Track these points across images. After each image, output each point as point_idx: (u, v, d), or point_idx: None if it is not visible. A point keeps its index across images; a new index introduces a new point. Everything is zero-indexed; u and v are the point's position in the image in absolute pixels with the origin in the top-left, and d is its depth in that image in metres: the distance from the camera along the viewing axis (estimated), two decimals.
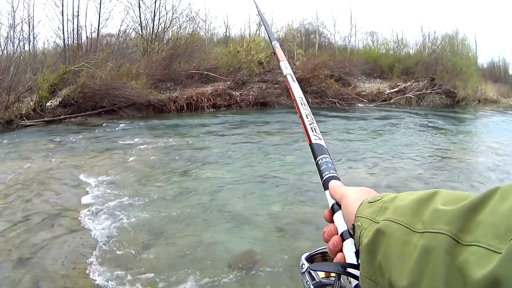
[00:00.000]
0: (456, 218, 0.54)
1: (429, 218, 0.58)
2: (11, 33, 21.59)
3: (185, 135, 13.62)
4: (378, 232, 0.66)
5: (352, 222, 0.77)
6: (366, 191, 0.83)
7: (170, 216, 6.08)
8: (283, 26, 37.95)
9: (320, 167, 1.01)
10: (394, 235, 0.63)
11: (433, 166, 9.33)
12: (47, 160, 9.83)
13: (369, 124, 16.56)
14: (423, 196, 0.64)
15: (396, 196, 0.71)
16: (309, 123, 1.15)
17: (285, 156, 10.08)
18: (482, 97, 31.86)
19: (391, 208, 0.68)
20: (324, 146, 1.07)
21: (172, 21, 28.99)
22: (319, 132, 1.12)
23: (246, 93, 23.83)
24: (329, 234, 0.85)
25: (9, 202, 6.77)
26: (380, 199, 0.73)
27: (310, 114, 1.20)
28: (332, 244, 0.83)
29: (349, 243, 0.79)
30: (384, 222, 0.66)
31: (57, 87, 18.96)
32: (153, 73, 22.44)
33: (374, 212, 0.71)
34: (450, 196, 0.61)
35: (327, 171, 0.98)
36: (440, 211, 0.57)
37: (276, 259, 4.72)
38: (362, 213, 0.74)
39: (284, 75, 1.47)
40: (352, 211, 0.78)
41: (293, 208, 6.45)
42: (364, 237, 0.69)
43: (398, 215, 0.64)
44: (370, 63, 31.96)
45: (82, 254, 4.91)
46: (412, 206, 0.63)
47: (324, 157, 1.02)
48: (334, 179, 0.95)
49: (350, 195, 0.83)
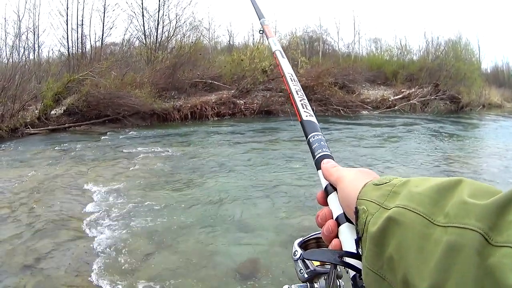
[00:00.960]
0: (488, 214, 0.47)
1: (455, 211, 0.51)
2: (17, 42, 21.67)
3: (189, 144, 13.60)
4: (389, 220, 0.58)
5: (351, 205, 0.70)
6: (365, 172, 0.76)
7: (173, 224, 6.04)
8: (287, 34, 37.94)
9: (312, 145, 0.95)
10: (411, 226, 0.55)
11: (440, 172, 9.25)
12: (52, 168, 9.81)
13: (374, 131, 16.49)
14: (444, 184, 0.57)
15: (407, 181, 0.64)
16: (300, 99, 1.09)
17: (290, 164, 10.02)
18: (486, 102, 31.57)
19: (404, 194, 0.60)
20: (315, 123, 1.01)
21: (175, 29, 29.16)
22: (310, 109, 1.06)
23: (250, 101, 23.84)
24: (323, 218, 0.78)
25: (13, 209, 6.74)
26: (389, 182, 0.66)
27: (300, 90, 1.14)
28: (326, 229, 0.76)
29: (346, 228, 0.73)
30: (397, 209, 0.58)
31: (62, 96, 19.06)
32: (157, 81, 22.49)
33: (382, 196, 0.64)
34: (477, 187, 0.54)
35: (320, 149, 0.92)
36: (469, 204, 0.50)
37: (280, 268, 4.66)
38: (366, 196, 0.66)
39: (273, 52, 1.42)
40: (350, 194, 0.71)
41: (297, 216, 6.40)
42: (371, 224, 0.62)
43: (414, 203, 0.57)
44: (374, 70, 31.90)
45: (85, 261, 4.88)
46: (432, 194, 0.56)
47: (316, 135, 0.96)
48: (327, 157, 0.89)
49: (348, 176, 0.76)
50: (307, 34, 40.78)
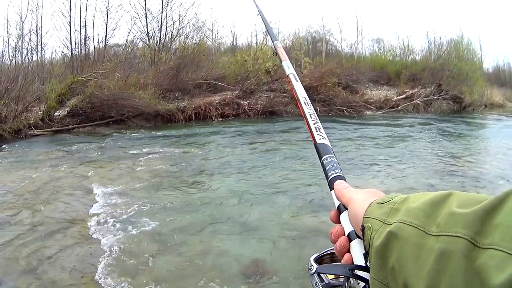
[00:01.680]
0: (473, 221, 0.52)
1: (445, 221, 0.57)
2: (20, 43, 21.69)
3: (193, 145, 13.55)
4: (390, 234, 0.64)
5: (359, 223, 0.75)
6: (373, 193, 0.82)
7: (178, 225, 6.01)
8: (290, 35, 37.95)
9: (325, 167, 1.00)
10: (408, 238, 0.61)
11: (443, 172, 9.15)
12: (56, 169, 9.79)
13: (377, 132, 16.43)
14: (436, 198, 0.62)
15: (407, 197, 0.70)
16: (313, 123, 1.14)
17: (294, 164, 9.98)
18: (488, 101, 31.50)
19: (403, 210, 0.66)
20: (329, 146, 1.06)
21: (179, 30, 29.19)
22: (323, 132, 1.11)
23: (254, 102, 23.81)
24: (336, 235, 0.85)
25: (17, 211, 6.71)
26: (390, 200, 0.72)
27: (314, 113, 1.19)
28: (339, 245, 0.82)
29: (356, 244, 0.79)
30: (396, 224, 0.64)
31: (65, 97, 19.11)
32: (161, 83, 22.52)
33: (385, 214, 0.69)
34: (465, 198, 0.59)
35: (332, 171, 0.98)
36: (456, 214, 0.56)
37: (286, 268, 4.65)
38: (371, 214, 0.73)
39: (286, 75, 1.45)
40: (359, 213, 0.77)
41: (302, 216, 6.36)
42: (375, 239, 0.68)
43: (411, 217, 0.63)
44: (377, 70, 31.90)
45: (90, 263, 4.85)
46: (426, 208, 0.62)
47: (329, 157, 1.02)
48: (340, 179, 0.95)
49: (357, 197, 0.82)
50: (310, 35, 40.82)
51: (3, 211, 6.71)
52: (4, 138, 15.14)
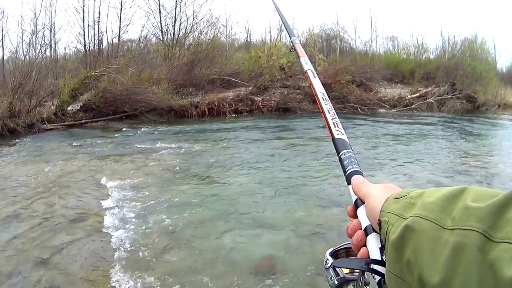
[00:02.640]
0: (487, 215, 0.53)
1: (459, 215, 0.58)
2: (33, 38, 21.81)
3: (206, 140, 13.47)
4: (406, 228, 0.65)
5: (376, 218, 0.76)
6: (390, 187, 0.82)
7: (190, 220, 5.96)
8: (304, 31, 37.76)
9: (343, 162, 1.01)
10: (424, 232, 0.62)
11: (456, 171, 8.99)
12: (68, 163, 9.79)
13: (391, 130, 16.25)
14: (451, 193, 0.63)
15: (423, 192, 0.70)
16: (331, 118, 1.15)
17: (308, 161, 9.84)
18: (502, 102, 31.21)
19: (419, 204, 0.67)
20: (346, 141, 1.06)
21: (192, 26, 29.23)
22: (341, 127, 1.12)
23: (268, 98, 23.76)
24: (353, 229, 0.85)
25: (30, 204, 6.73)
26: (407, 195, 0.72)
27: (332, 109, 1.19)
28: (355, 239, 0.83)
29: (373, 238, 0.79)
30: (412, 218, 0.65)
31: (78, 92, 19.20)
32: (175, 78, 22.55)
33: (401, 208, 0.70)
34: (479, 192, 0.60)
35: (350, 166, 0.98)
36: (471, 208, 0.57)
37: (297, 265, 4.60)
38: (388, 209, 0.73)
39: (304, 71, 1.47)
40: (376, 207, 0.77)
41: (315, 213, 6.28)
42: (392, 233, 0.68)
43: (427, 211, 0.64)
44: (391, 68, 31.65)
45: (102, 256, 4.84)
46: (441, 202, 0.63)
47: (347, 152, 1.02)
48: (357, 173, 0.95)
49: (374, 192, 0.83)
50: (324, 32, 40.71)
51: (15, 204, 6.73)
52: (18, 132, 15.27)
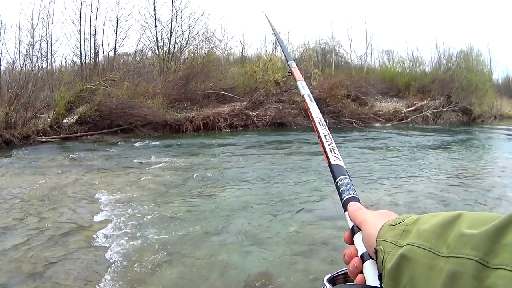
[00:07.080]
0: (481, 242, 0.53)
1: (454, 243, 0.58)
2: (30, 50, 21.88)
3: (201, 155, 13.46)
4: (402, 257, 0.65)
5: (372, 245, 0.76)
6: (386, 214, 0.82)
7: (184, 235, 5.91)
8: (299, 46, 37.98)
9: (339, 188, 1.01)
10: (419, 261, 0.62)
11: (453, 186, 8.93)
12: (63, 176, 9.75)
13: (386, 144, 16.23)
14: (446, 219, 0.64)
15: (418, 219, 0.71)
16: (328, 144, 1.15)
17: (302, 176, 9.81)
18: (498, 113, 31.19)
19: (414, 232, 0.67)
20: (343, 167, 1.07)
21: (188, 40, 29.40)
22: (338, 153, 1.12)
23: (263, 113, 23.84)
24: (350, 256, 0.85)
25: (23, 216, 6.69)
26: (402, 222, 0.73)
27: (328, 134, 1.20)
28: (352, 266, 0.83)
29: (369, 265, 0.80)
30: (407, 247, 0.66)
31: (74, 105, 19.22)
32: (170, 92, 22.62)
33: (397, 236, 0.70)
34: (474, 218, 0.60)
35: (347, 192, 0.98)
36: (466, 235, 0.57)
37: (292, 281, 4.54)
38: (383, 237, 0.74)
39: (301, 95, 1.47)
40: (372, 235, 0.77)
41: (309, 229, 6.24)
42: (388, 261, 0.69)
43: (422, 239, 0.64)
44: (387, 82, 31.75)
45: (95, 271, 4.78)
46: (436, 229, 0.63)
47: (343, 178, 1.02)
48: (354, 200, 0.95)
49: (370, 219, 0.83)
50: (319, 46, 40.89)
51: (9, 216, 6.70)
52: (13, 144, 15.28)
